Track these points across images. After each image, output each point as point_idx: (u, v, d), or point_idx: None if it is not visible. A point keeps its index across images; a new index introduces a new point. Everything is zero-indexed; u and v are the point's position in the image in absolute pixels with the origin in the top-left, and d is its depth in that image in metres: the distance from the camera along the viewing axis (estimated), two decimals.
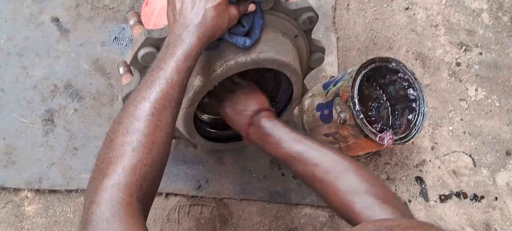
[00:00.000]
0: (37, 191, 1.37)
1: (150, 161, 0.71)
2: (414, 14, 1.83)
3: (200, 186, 1.44)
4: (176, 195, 1.43)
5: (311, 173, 0.93)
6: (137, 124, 0.72)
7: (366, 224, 0.54)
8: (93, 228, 0.63)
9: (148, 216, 0.95)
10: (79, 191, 1.39)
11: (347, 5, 1.78)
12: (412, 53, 1.77)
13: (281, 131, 1.00)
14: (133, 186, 0.68)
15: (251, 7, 0.91)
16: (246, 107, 1.07)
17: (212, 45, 0.92)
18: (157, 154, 0.73)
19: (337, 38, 1.71)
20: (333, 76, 1.57)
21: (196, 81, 0.96)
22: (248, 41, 0.93)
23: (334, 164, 0.92)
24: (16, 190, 1.36)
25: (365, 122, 1.22)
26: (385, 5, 1.81)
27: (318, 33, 1.67)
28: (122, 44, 1.53)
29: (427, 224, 0.51)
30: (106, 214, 0.63)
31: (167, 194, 1.42)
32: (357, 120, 1.21)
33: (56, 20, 1.51)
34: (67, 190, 1.38)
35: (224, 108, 1.11)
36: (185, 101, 0.98)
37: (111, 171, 0.68)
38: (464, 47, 1.82)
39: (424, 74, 1.75)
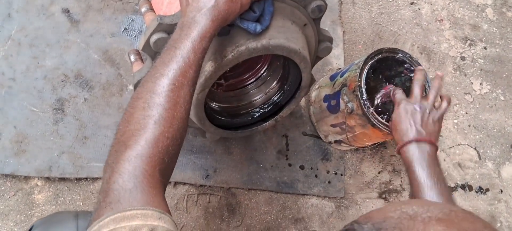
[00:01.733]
0: (47, 179, 1.39)
1: (171, 134, 0.72)
2: (419, 8, 1.85)
3: (208, 176, 1.45)
4: (184, 184, 1.44)
5: None
6: (157, 99, 0.73)
7: (390, 206, 0.50)
8: (115, 198, 0.62)
9: None
10: (88, 179, 1.40)
11: None
12: (417, 47, 1.79)
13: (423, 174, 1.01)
14: (156, 158, 0.68)
15: None
16: (407, 131, 1.08)
17: (224, 31, 0.94)
18: (177, 128, 0.74)
19: (343, 31, 1.73)
20: (340, 69, 1.59)
21: (207, 67, 0.97)
22: (258, 27, 0.94)
23: None
24: (27, 178, 1.38)
25: (373, 111, 1.23)
26: (390, 0, 1.83)
27: (324, 27, 1.67)
28: (131, 35, 1.55)
29: (461, 215, 0.46)
30: (129, 185, 0.64)
31: (176, 183, 1.43)
32: (364, 108, 1.22)
33: (66, 11, 1.54)
34: (76, 178, 1.39)
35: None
36: (196, 87, 1.00)
37: (133, 143, 0.68)
38: (468, 41, 1.84)
39: (429, 68, 1.76)
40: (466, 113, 1.73)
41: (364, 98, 1.23)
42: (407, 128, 1.08)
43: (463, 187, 1.62)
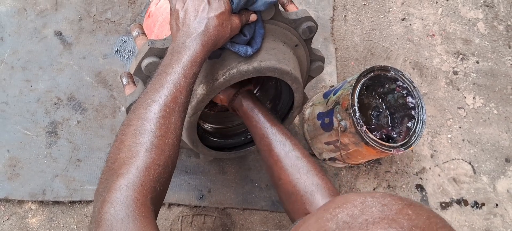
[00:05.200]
0: (41, 202, 1.38)
1: (162, 162, 0.72)
2: (410, 24, 1.86)
3: (202, 196, 1.45)
4: (178, 205, 1.43)
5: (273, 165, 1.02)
6: (148, 126, 0.73)
7: (326, 211, 0.48)
8: (107, 228, 0.62)
9: None
10: (82, 202, 1.39)
11: (345, 16, 1.81)
12: (410, 62, 1.79)
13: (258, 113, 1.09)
14: (148, 186, 0.68)
15: (253, 17, 0.93)
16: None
17: (215, 54, 0.94)
18: (168, 155, 0.74)
19: (336, 48, 1.73)
20: (333, 86, 1.59)
21: (199, 90, 0.97)
22: (249, 50, 0.94)
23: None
24: (20, 202, 1.37)
25: (366, 129, 1.23)
26: (381, 16, 1.84)
27: (317, 44, 1.69)
28: (124, 56, 1.56)
29: (395, 207, 0.45)
30: (121, 214, 0.63)
31: (170, 204, 1.43)
32: (357, 127, 1.23)
33: (59, 33, 1.54)
34: (70, 202, 1.39)
35: None
36: (188, 110, 1.00)
37: (125, 171, 0.68)
38: (460, 56, 1.85)
39: (421, 83, 1.77)
40: (460, 127, 1.73)
41: (357, 116, 1.23)
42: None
43: (458, 202, 1.62)
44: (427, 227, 0.42)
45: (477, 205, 1.63)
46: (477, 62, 1.85)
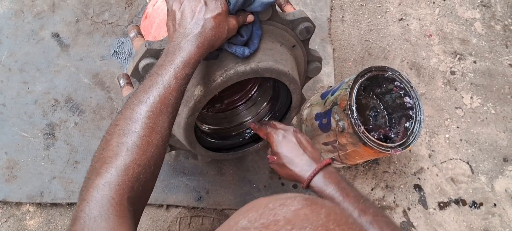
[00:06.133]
0: (39, 204, 1.37)
1: (143, 162, 0.72)
2: (407, 24, 1.86)
3: (200, 197, 1.45)
4: (177, 206, 1.43)
5: None
6: (133, 126, 0.73)
7: (235, 217, 0.49)
8: (80, 226, 0.63)
9: (149, 228, 0.90)
10: None
11: (342, 17, 1.81)
12: (407, 62, 1.80)
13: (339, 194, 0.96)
14: (125, 186, 0.68)
15: (250, 17, 0.93)
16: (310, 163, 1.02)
17: (212, 55, 0.94)
18: (151, 156, 0.74)
19: (333, 49, 1.74)
20: (331, 86, 1.59)
21: (196, 91, 0.97)
22: (247, 51, 0.94)
23: None
24: (18, 204, 1.37)
25: (364, 129, 1.23)
26: (379, 17, 1.85)
27: (314, 45, 1.69)
28: (121, 58, 1.56)
29: (292, 211, 0.45)
30: (95, 213, 0.64)
31: (168, 206, 1.43)
32: (355, 127, 1.23)
33: (56, 35, 1.54)
34: (68, 203, 1.38)
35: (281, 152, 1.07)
36: (186, 112, 1.00)
37: (104, 170, 0.69)
38: (458, 56, 1.85)
39: (419, 83, 1.77)
40: (458, 127, 1.73)
41: (354, 117, 1.23)
42: (304, 160, 1.03)
43: (456, 202, 1.62)
44: (322, 226, 0.43)
45: (475, 205, 1.63)
46: (475, 62, 1.85)
